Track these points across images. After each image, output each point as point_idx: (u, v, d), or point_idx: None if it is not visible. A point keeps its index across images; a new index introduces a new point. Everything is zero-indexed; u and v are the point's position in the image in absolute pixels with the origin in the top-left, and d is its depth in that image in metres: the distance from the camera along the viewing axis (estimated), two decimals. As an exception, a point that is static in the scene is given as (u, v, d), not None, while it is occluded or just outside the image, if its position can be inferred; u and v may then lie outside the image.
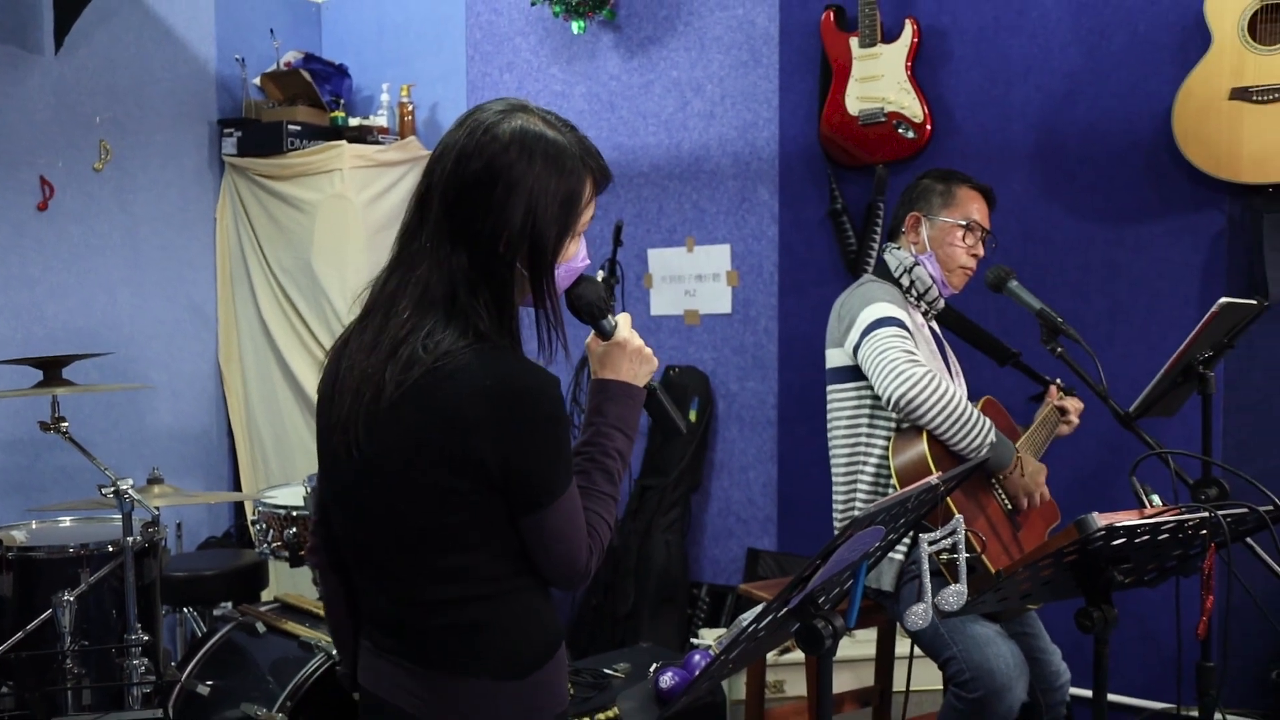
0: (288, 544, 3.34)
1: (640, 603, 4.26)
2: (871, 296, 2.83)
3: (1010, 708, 2.58)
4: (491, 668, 1.63)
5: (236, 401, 4.87)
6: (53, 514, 3.28)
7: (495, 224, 1.58)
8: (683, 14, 4.32)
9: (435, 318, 1.58)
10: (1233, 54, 3.21)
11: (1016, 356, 3.12)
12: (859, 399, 2.86)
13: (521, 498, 1.57)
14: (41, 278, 4.21)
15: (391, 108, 4.89)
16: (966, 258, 2.90)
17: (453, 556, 1.59)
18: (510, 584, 1.63)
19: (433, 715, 1.63)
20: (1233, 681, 3.32)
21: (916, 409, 2.63)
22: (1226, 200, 3.39)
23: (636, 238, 4.42)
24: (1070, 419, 3.04)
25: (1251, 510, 1.96)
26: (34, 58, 4.17)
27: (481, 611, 1.62)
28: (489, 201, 1.58)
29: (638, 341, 1.75)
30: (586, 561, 1.62)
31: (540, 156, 1.60)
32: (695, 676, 1.61)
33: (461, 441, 1.53)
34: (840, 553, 1.59)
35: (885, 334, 2.71)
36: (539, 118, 1.64)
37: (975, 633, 2.62)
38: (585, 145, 1.66)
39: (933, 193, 2.94)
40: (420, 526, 1.59)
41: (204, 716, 3.01)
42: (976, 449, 2.66)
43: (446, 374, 1.54)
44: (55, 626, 2.76)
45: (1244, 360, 3.37)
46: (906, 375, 2.63)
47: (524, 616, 1.65)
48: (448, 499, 1.56)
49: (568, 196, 1.62)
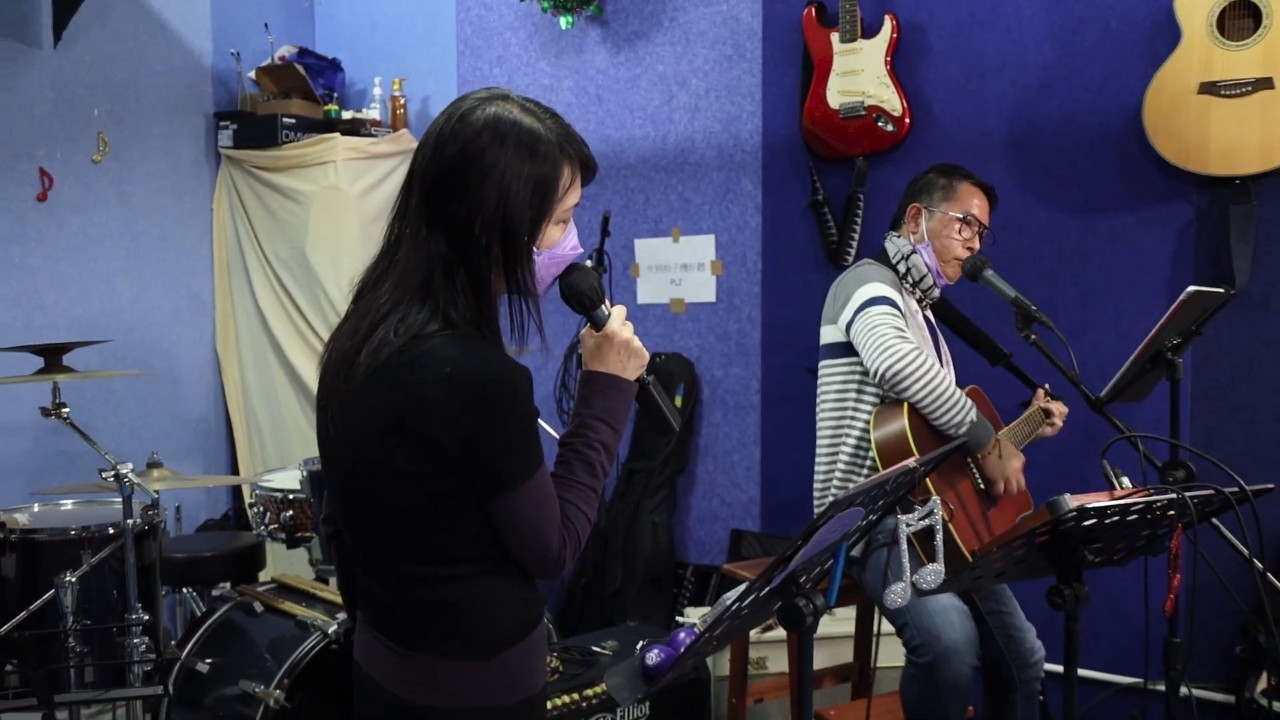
0: (284, 526, 3.34)
1: (627, 582, 4.27)
2: (867, 277, 2.86)
3: (959, 673, 2.60)
4: (458, 647, 1.62)
5: (234, 388, 4.86)
6: (55, 497, 3.26)
7: (469, 208, 1.57)
8: (668, 9, 4.31)
9: (411, 302, 1.57)
10: (1202, 49, 3.21)
11: (1008, 358, 3.14)
12: (848, 373, 2.89)
13: (482, 483, 1.55)
14: (41, 267, 4.19)
15: (384, 101, 4.87)
16: (962, 250, 2.93)
17: (423, 537, 1.59)
18: (480, 566, 1.61)
19: (403, 690, 1.62)
20: (1198, 656, 3.34)
21: (901, 382, 2.66)
22: (1195, 192, 3.40)
23: (623, 228, 4.42)
24: (1054, 421, 3.05)
25: (1217, 492, 1.97)
26: (33, 52, 4.14)
27: (452, 591, 1.61)
28: (463, 186, 1.57)
29: (627, 335, 1.71)
30: (559, 550, 1.59)
31: (513, 142, 1.58)
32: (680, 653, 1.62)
33: (422, 425, 1.52)
34: (821, 534, 1.60)
35: (877, 311, 2.75)
36: (517, 105, 1.62)
37: (928, 602, 2.64)
38: (567, 133, 1.64)
39: (935, 186, 2.97)
40: (391, 506, 1.58)
41: (203, 693, 3.01)
42: (957, 426, 2.69)
43: (413, 358, 1.52)
44: (58, 606, 2.75)
45: (1211, 347, 3.39)
46: (894, 349, 2.67)
47: (494, 599, 1.63)
48: (413, 480, 1.55)
49: (541, 181, 1.60)
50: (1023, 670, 2.81)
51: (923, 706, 2.66)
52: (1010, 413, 3.08)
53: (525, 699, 1.67)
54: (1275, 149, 3.14)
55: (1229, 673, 3.33)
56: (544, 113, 1.64)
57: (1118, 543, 2.03)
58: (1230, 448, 3.36)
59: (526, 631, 1.66)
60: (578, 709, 2.93)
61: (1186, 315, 2.67)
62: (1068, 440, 3.58)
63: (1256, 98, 3.15)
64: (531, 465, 1.56)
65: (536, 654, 1.70)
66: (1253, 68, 3.15)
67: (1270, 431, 3.35)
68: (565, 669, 3.07)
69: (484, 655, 1.62)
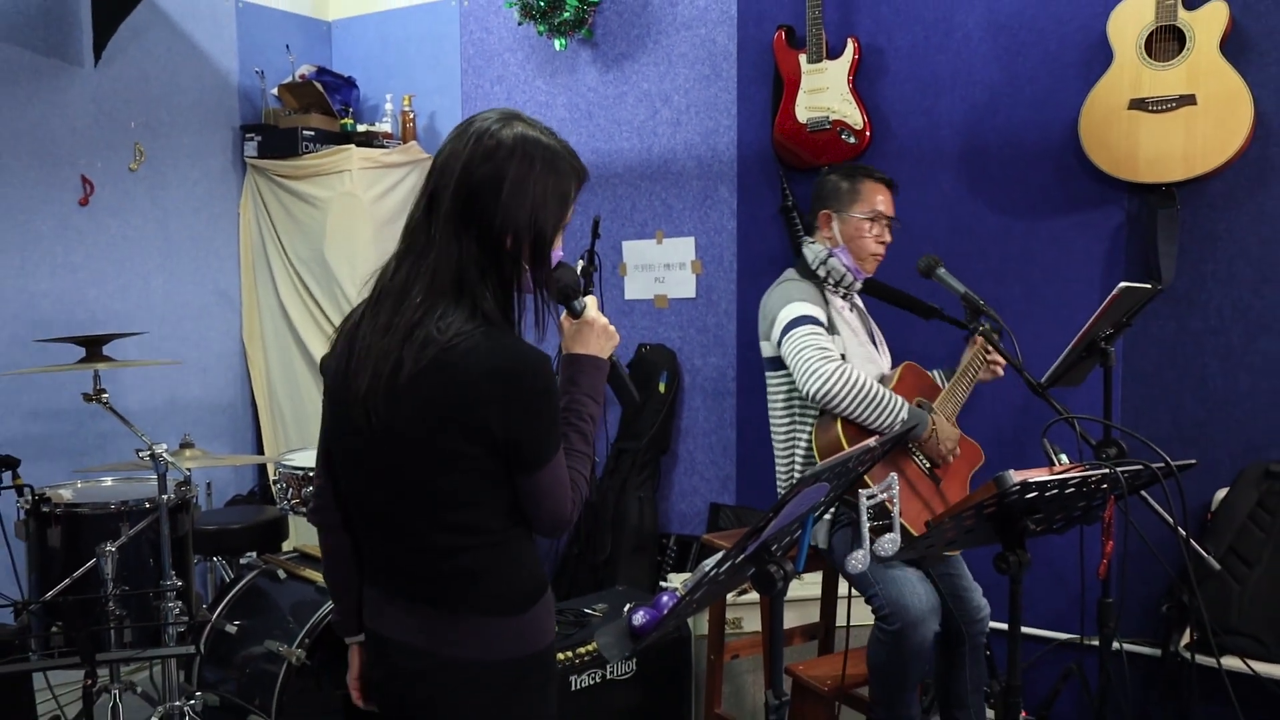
0: (305, 500, 3.33)
1: (616, 551, 4.27)
2: (789, 296, 2.78)
3: (924, 638, 2.60)
4: (489, 606, 1.65)
5: (259, 375, 4.84)
6: (96, 475, 3.25)
7: (503, 220, 1.60)
8: (652, 33, 4.30)
9: (445, 302, 1.59)
10: (1131, 70, 3.22)
11: (939, 311, 3.02)
12: (790, 387, 2.83)
13: (521, 461, 1.60)
14: (83, 265, 4.16)
15: (395, 115, 4.84)
16: (876, 246, 2.87)
17: (459, 512, 1.61)
18: (504, 535, 1.65)
19: (443, 648, 1.65)
20: (1128, 615, 3.36)
21: (830, 400, 2.60)
22: (1126, 198, 3.41)
23: (612, 231, 4.41)
24: (995, 359, 2.86)
25: (1146, 467, 1.98)
26: (75, 70, 4.11)
27: (480, 558, 1.64)
28: (497, 201, 1.60)
29: (603, 320, 1.77)
30: (571, 512, 1.65)
31: (540, 160, 1.63)
32: (664, 615, 1.61)
33: (475, 412, 1.55)
34: (790, 507, 1.60)
35: (800, 333, 2.68)
36: (533, 127, 1.66)
37: (895, 574, 2.63)
38: (569, 150, 1.69)
39: (841, 190, 2.88)
40: (433, 485, 1.60)
41: (232, 652, 3.00)
42: (890, 425, 2.63)
43: (461, 353, 1.55)
44: (99, 574, 2.75)
45: (1140, 337, 3.40)
46: (819, 372, 2.60)
47: (516, 563, 1.67)
48: (458, 462, 1.58)
49: (563, 195, 1.66)
50: (969, 626, 2.81)
51: (887, 668, 2.65)
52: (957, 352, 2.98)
53: (548, 646, 1.73)
54: (1198, 159, 3.15)
55: (1156, 629, 3.35)
56: (551, 133, 1.69)
57: (1057, 513, 2.03)
58: (1157, 427, 3.37)
59: (542, 591, 1.71)
60: (571, 665, 2.93)
61: (1118, 309, 2.67)
62: (1011, 421, 3.59)
63: (1181, 113, 3.15)
64: (559, 441, 1.63)
65: (549, 610, 1.75)
66: (1177, 86, 3.15)
67: (1192, 412, 3.36)
68: (560, 629, 3.07)
69: (517, 611, 1.67)
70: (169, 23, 4.45)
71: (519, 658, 1.67)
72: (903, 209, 3.15)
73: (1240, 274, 3.27)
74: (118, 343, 3.22)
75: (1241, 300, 3.28)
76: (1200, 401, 3.35)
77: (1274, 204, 3.22)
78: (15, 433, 3.91)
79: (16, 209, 3.95)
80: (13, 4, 3.90)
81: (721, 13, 4.13)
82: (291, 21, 4.98)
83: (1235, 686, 2.68)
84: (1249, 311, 3.27)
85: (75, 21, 4.09)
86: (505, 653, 1.66)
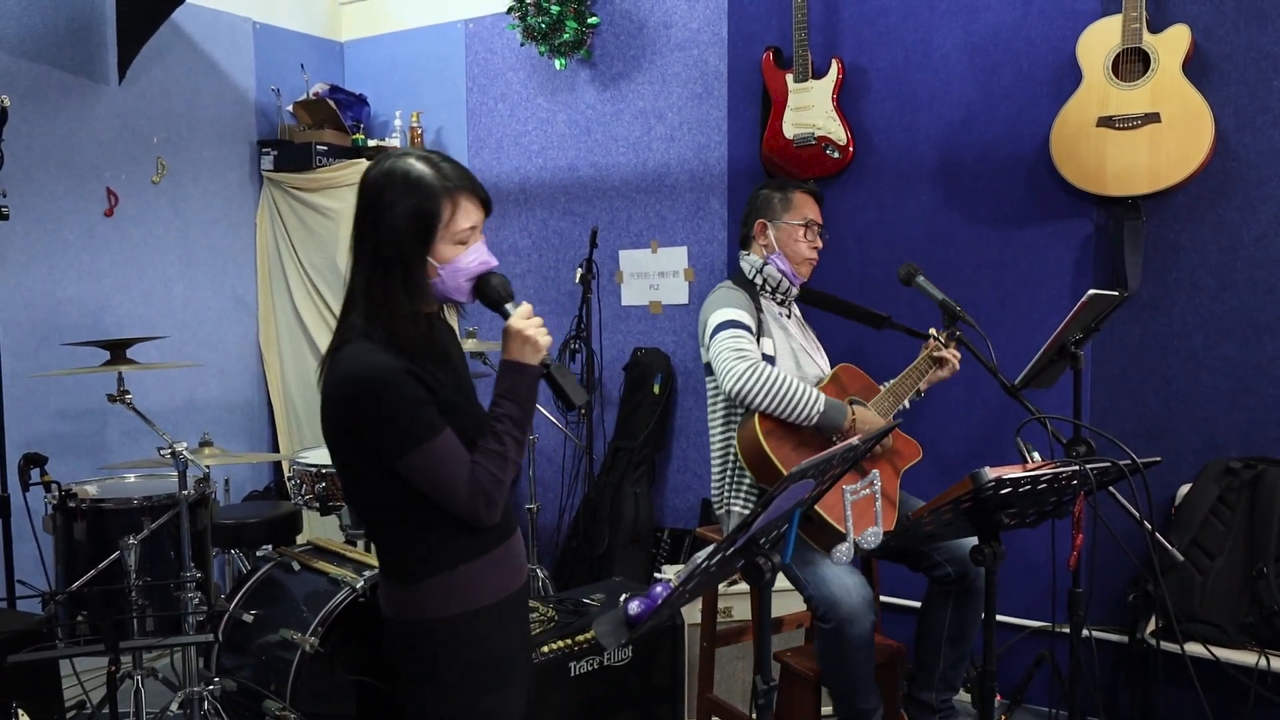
0: (318, 496, 3.33)
1: (613, 544, 4.27)
2: (716, 304, 2.75)
3: (860, 632, 2.53)
4: (389, 573, 1.83)
5: (274, 377, 4.83)
6: (119, 472, 3.23)
7: (375, 240, 1.74)
8: (647, 54, 4.30)
9: (344, 318, 1.80)
10: (1099, 89, 3.22)
11: (888, 320, 3.00)
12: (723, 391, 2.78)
13: (383, 452, 1.71)
14: (108, 273, 4.15)
15: (404, 131, 4.84)
16: (809, 251, 2.85)
17: (366, 491, 1.78)
18: (406, 514, 1.76)
19: (391, 610, 1.84)
20: (1097, 603, 3.36)
21: (747, 396, 2.56)
22: (1094, 210, 3.41)
23: (609, 241, 4.41)
24: (947, 360, 2.85)
25: (1113, 464, 1.98)
26: (100, 88, 4.10)
27: (386, 533, 1.81)
28: (367, 223, 1.75)
29: (520, 325, 1.80)
30: (469, 499, 1.73)
31: (399, 184, 1.73)
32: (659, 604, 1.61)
33: (335, 415, 1.75)
34: (777, 502, 1.60)
35: (722, 337, 2.65)
36: (414, 157, 1.77)
37: (825, 573, 2.58)
38: (457, 174, 1.77)
39: (774, 201, 2.86)
40: (342, 470, 1.80)
41: (248, 640, 2.99)
42: (806, 418, 2.58)
43: (330, 364, 1.76)
44: (122, 565, 2.73)
45: (1108, 341, 3.41)
46: (733, 371, 2.58)
47: (418, 538, 1.78)
48: (341, 452, 1.78)
49: (425, 212, 1.73)
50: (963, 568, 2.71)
51: (834, 664, 2.60)
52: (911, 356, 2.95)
53: (451, 617, 1.80)
54: (1162, 173, 3.16)
55: (1123, 617, 3.35)
56: (440, 160, 1.78)
57: (1030, 508, 2.03)
58: (1124, 426, 3.38)
59: (440, 570, 1.78)
60: (570, 652, 2.92)
61: (1087, 314, 2.68)
62: (986, 421, 3.60)
63: (1145, 130, 3.16)
64: (415, 438, 1.70)
65: (491, 572, 1.83)
66: (1143, 104, 3.16)
67: (1157, 412, 3.36)
68: (559, 618, 3.07)
69: (414, 580, 1.79)
70: (190, 43, 4.44)
71: (458, 614, 1.79)
72: (883, 220, 3.17)
73: (1202, 282, 3.28)
74: (140, 346, 3.21)
75: (1203, 306, 3.28)
76: (1164, 402, 3.36)
77: (1234, 216, 3.22)
78: (43, 431, 3.89)
79: (45, 219, 3.94)
80: (42, 25, 3.90)
81: (713, 35, 4.13)
82: (306, 42, 4.98)
83: (1198, 671, 2.69)
84: (1210, 317, 3.27)
85: (101, 42, 4.09)
86: (440, 611, 1.79)
